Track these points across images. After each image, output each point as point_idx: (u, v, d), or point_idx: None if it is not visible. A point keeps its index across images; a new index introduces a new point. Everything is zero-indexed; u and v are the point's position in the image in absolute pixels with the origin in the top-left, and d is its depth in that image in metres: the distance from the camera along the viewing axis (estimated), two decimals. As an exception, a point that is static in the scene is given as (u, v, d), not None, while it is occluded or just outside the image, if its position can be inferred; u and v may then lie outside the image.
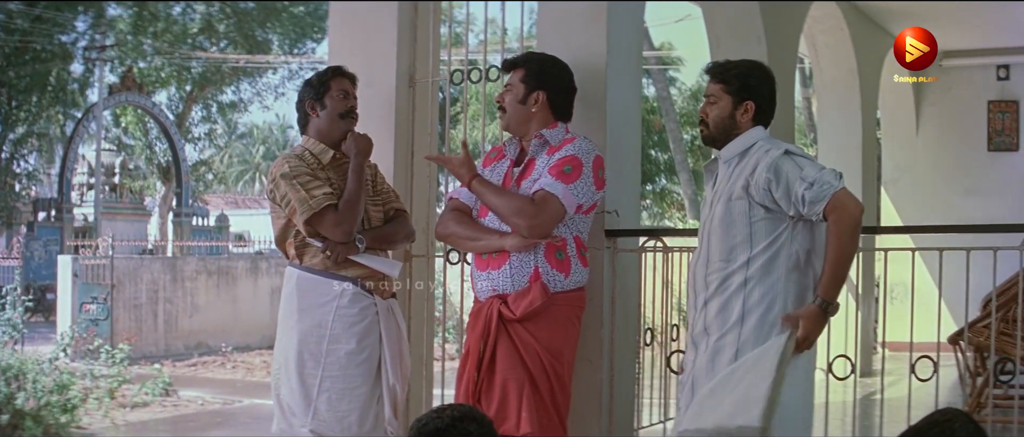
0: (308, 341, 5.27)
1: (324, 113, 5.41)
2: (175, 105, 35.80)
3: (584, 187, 5.05)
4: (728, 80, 4.66)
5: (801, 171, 4.38)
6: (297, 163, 5.30)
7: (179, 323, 21.68)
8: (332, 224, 5.22)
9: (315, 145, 5.42)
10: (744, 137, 4.62)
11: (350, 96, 5.47)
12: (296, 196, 5.22)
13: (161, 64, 34.07)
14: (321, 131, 5.43)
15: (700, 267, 4.64)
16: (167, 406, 13.85)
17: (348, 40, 6.59)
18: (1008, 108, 13.49)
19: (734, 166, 4.59)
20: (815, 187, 4.32)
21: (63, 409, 11.11)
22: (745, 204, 4.48)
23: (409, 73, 6.47)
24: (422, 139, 6.48)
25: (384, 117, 6.35)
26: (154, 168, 36.90)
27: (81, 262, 20.85)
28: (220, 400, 14.70)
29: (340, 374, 5.26)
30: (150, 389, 13.88)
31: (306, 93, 5.47)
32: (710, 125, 4.69)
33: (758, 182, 4.44)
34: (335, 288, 5.28)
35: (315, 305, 5.29)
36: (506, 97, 5.30)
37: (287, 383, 5.32)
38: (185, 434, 11.82)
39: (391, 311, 5.44)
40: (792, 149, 4.48)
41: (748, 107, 4.62)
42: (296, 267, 5.37)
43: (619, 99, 5.81)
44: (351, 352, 5.27)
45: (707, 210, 4.66)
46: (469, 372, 5.12)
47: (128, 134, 36.67)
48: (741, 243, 4.48)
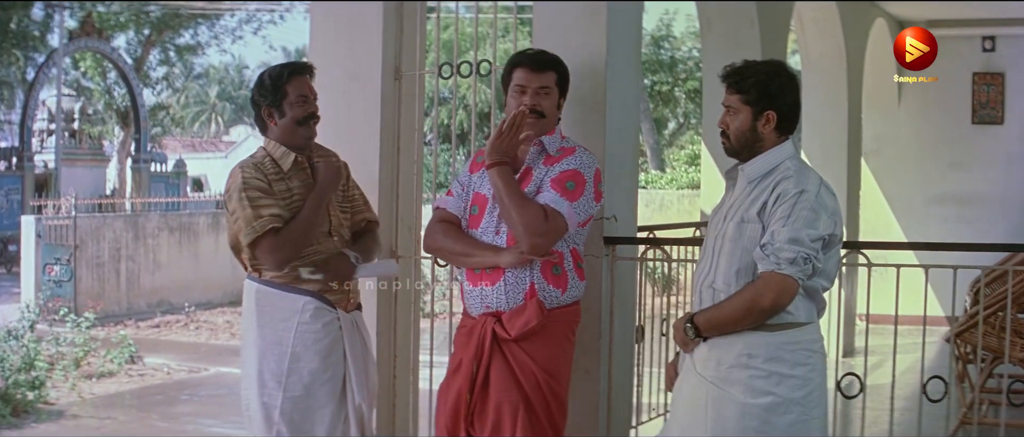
0: (268, 360, 4.91)
1: (282, 121, 4.96)
2: (134, 49, 35.57)
3: (586, 203, 4.79)
4: (746, 90, 4.25)
5: (790, 216, 4.05)
6: (253, 175, 4.87)
7: (141, 281, 21.58)
8: (268, 250, 4.83)
9: (276, 148, 5.00)
10: (770, 155, 4.26)
11: (309, 100, 5.00)
12: (243, 215, 4.82)
13: (120, 8, 33.74)
14: (281, 137, 5.00)
15: (706, 284, 4.32)
16: (133, 375, 13.64)
17: (331, 31, 6.28)
18: (993, 80, 13.33)
19: (756, 185, 4.24)
20: (773, 248, 4.03)
21: (31, 386, 10.89)
22: (757, 228, 4.14)
23: (395, 66, 6.18)
24: (408, 135, 6.21)
25: (369, 111, 6.11)
26: (113, 113, 36.61)
27: (44, 222, 20.60)
28: (186, 368, 14.52)
29: (303, 394, 4.92)
30: (116, 357, 13.68)
31: (261, 98, 5.00)
32: (731, 138, 4.32)
33: (769, 207, 4.14)
34: (296, 303, 4.91)
35: (275, 320, 4.92)
36: (544, 102, 4.87)
37: (246, 401, 4.99)
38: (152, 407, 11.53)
39: (355, 325, 5.10)
40: (809, 188, 4.12)
41: (769, 117, 4.23)
42: (254, 280, 4.98)
43: (618, 101, 5.59)
44: (314, 371, 4.93)
45: (720, 222, 4.32)
46: (460, 391, 4.83)
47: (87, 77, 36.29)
48: (745, 269, 4.16)
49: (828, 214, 4.09)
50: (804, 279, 4.04)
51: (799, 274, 4.01)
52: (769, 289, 4.04)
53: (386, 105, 6.13)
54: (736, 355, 4.14)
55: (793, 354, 4.12)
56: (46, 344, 12.82)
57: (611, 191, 5.38)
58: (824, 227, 4.06)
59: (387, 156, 6.11)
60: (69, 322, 13.73)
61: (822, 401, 4.24)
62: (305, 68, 5.05)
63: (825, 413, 4.27)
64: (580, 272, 4.89)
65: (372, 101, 6.11)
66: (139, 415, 10.97)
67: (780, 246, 4.01)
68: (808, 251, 4.01)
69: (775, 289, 4.03)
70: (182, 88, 50.98)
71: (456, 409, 4.82)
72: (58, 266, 19.99)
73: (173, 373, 14.08)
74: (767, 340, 4.11)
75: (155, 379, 13.57)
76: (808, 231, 4.02)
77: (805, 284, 4.07)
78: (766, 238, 4.06)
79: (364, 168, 5.99)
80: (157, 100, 39.82)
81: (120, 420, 10.64)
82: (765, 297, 4.05)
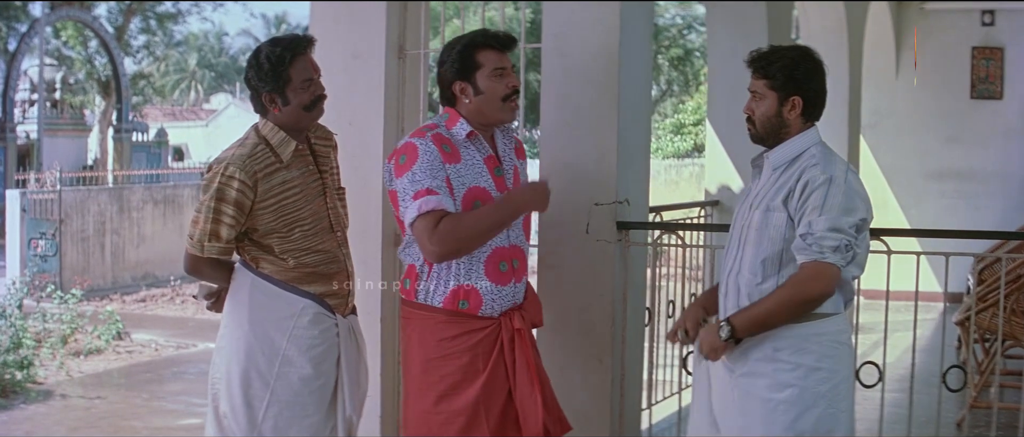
0: (257, 359, 4.52)
1: (287, 108, 4.50)
2: (115, 18, 35.36)
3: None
4: (772, 75, 4.17)
5: (824, 204, 3.96)
6: (238, 182, 4.39)
7: (126, 255, 21.50)
8: (192, 269, 4.59)
9: (274, 134, 4.52)
10: (795, 142, 4.18)
11: (314, 81, 4.54)
12: (201, 223, 4.43)
13: (101, -25, 33.63)
14: (285, 123, 4.54)
15: (731, 274, 4.24)
16: (121, 352, 13.47)
17: (333, 7, 6.08)
18: (993, 55, 13.20)
19: (781, 172, 4.16)
20: (814, 238, 3.94)
21: (20, 366, 10.76)
22: (783, 217, 4.06)
23: (399, 44, 6.00)
24: (412, 117, 6.05)
25: (372, 91, 5.94)
26: (94, 82, 36.41)
27: (29, 197, 20.43)
28: (173, 344, 14.36)
29: (291, 400, 4.54)
30: (103, 333, 13.53)
31: (260, 83, 4.50)
32: (756, 124, 4.23)
33: (796, 196, 4.05)
34: (295, 305, 4.54)
35: (268, 320, 4.54)
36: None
37: (228, 397, 4.56)
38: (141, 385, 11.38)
39: (351, 331, 4.76)
40: (837, 175, 4.03)
41: (795, 102, 4.15)
42: (249, 270, 4.58)
43: (631, 82, 5.47)
44: (306, 377, 4.55)
45: (746, 212, 4.24)
46: (500, 407, 4.45)
47: (68, 47, 36.05)
48: (772, 257, 4.08)
49: (860, 199, 4.03)
50: (844, 266, 3.96)
51: (842, 261, 3.95)
52: (815, 279, 3.96)
53: (389, 85, 5.94)
54: (763, 348, 4.08)
55: (820, 346, 4.05)
56: (33, 321, 12.65)
57: (623, 174, 5.32)
58: (859, 212, 4.00)
59: (390, 139, 5.89)
60: (56, 298, 13.58)
61: (849, 394, 4.18)
62: (306, 44, 4.56)
63: (851, 406, 4.20)
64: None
65: (376, 81, 5.92)
66: (128, 394, 10.79)
67: (821, 234, 3.93)
68: (848, 238, 3.95)
69: (822, 278, 3.95)
70: (163, 56, 50.86)
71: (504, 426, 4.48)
72: (43, 241, 19.86)
73: (161, 349, 13.91)
74: (794, 332, 4.04)
75: (143, 356, 13.39)
76: (846, 218, 3.95)
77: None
78: (803, 228, 3.97)
79: (367, 151, 5.85)
80: (138, 69, 39.64)
81: (110, 400, 10.44)
82: (811, 287, 3.96)
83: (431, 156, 4.32)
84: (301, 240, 4.56)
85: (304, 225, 4.57)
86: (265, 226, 4.51)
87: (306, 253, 4.58)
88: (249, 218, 4.48)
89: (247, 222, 4.49)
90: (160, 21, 38.03)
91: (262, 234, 4.53)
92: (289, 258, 4.55)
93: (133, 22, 36.49)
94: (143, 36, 38.12)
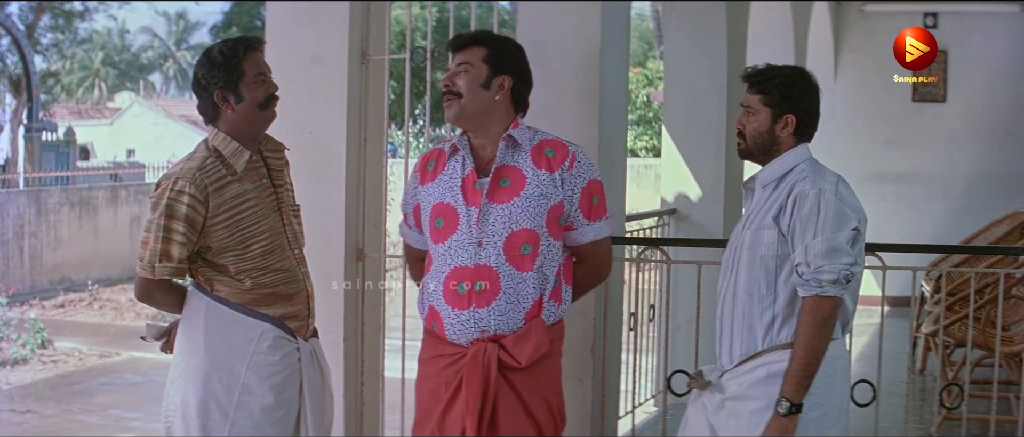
0: (214, 388, 4.22)
1: (241, 106, 4.21)
2: (26, 16, 34.66)
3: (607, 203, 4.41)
4: (768, 91, 4.11)
5: (817, 221, 3.87)
6: (189, 198, 4.12)
7: (44, 258, 21.29)
8: (143, 295, 4.33)
9: (226, 144, 4.24)
10: (784, 159, 4.10)
11: (268, 78, 4.28)
12: (150, 244, 4.15)
13: (12, -28, 33.09)
14: (236, 127, 4.25)
15: (727, 296, 4.14)
16: (46, 361, 13.27)
17: (292, 8, 5.78)
18: (936, 57, 13.14)
19: (771, 190, 4.08)
20: (811, 271, 3.84)
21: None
22: (774, 234, 3.98)
23: (362, 49, 5.72)
24: (376, 125, 5.77)
25: (334, 98, 5.62)
26: (5, 81, 35.77)
27: (-54, 203, 20.07)
28: (97, 352, 14.16)
29: (252, 432, 4.25)
30: (28, 342, 13.35)
31: (211, 80, 4.21)
32: (747, 139, 4.16)
33: (787, 212, 3.96)
34: (253, 330, 4.24)
35: (226, 347, 4.24)
36: (459, 80, 4.18)
37: (184, 430, 4.27)
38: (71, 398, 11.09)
39: (313, 356, 4.46)
40: (826, 187, 3.94)
41: (788, 121, 4.09)
42: (204, 293, 4.29)
43: (611, 92, 5.34)
44: (267, 407, 4.26)
45: (738, 233, 4.15)
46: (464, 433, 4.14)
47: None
48: (765, 276, 3.99)
49: (851, 209, 3.94)
50: (844, 295, 3.91)
51: (842, 292, 3.88)
52: (822, 314, 3.88)
53: (352, 92, 5.65)
54: (756, 373, 4.01)
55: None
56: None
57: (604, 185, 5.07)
58: (851, 222, 3.90)
59: (353, 149, 5.64)
60: (-20, 308, 13.26)
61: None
62: (257, 42, 4.32)
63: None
64: (568, 277, 4.35)
65: (338, 88, 5.61)
66: (59, 408, 10.52)
67: (818, 266, 3.85)
68: (844, 263, 3.86)
69: (827, 311, 3.88)
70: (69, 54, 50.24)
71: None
72: (-37, 245, 19.51)
73: (85, 358, 13.74)
74: (788, 356, 3.92)
75: (68, 365, 13.19)
76: (839, 234, 3.88)
77: None
78: (799, 257, 3.89)
79: (329, 161, 5.59)
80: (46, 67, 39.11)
81: (42, 415, 10.18)
82: (825, 323, 3.89)
83: (411, 177, 4.27)
84: (258, 259, 4.26)
85: (261, 241, 4.27)
86: (219, 243, 4.21)
87: (264, 273, 4.28)
88: (202, 235, 4.19)
89: (200, 240, 4.20)
90: (67, 18, 37.54)
91: (216, 252, 4.22)
92: (246, 278, 4.25)
93: (42, 19, 35.92)
94: (51, 34, 37.53)
